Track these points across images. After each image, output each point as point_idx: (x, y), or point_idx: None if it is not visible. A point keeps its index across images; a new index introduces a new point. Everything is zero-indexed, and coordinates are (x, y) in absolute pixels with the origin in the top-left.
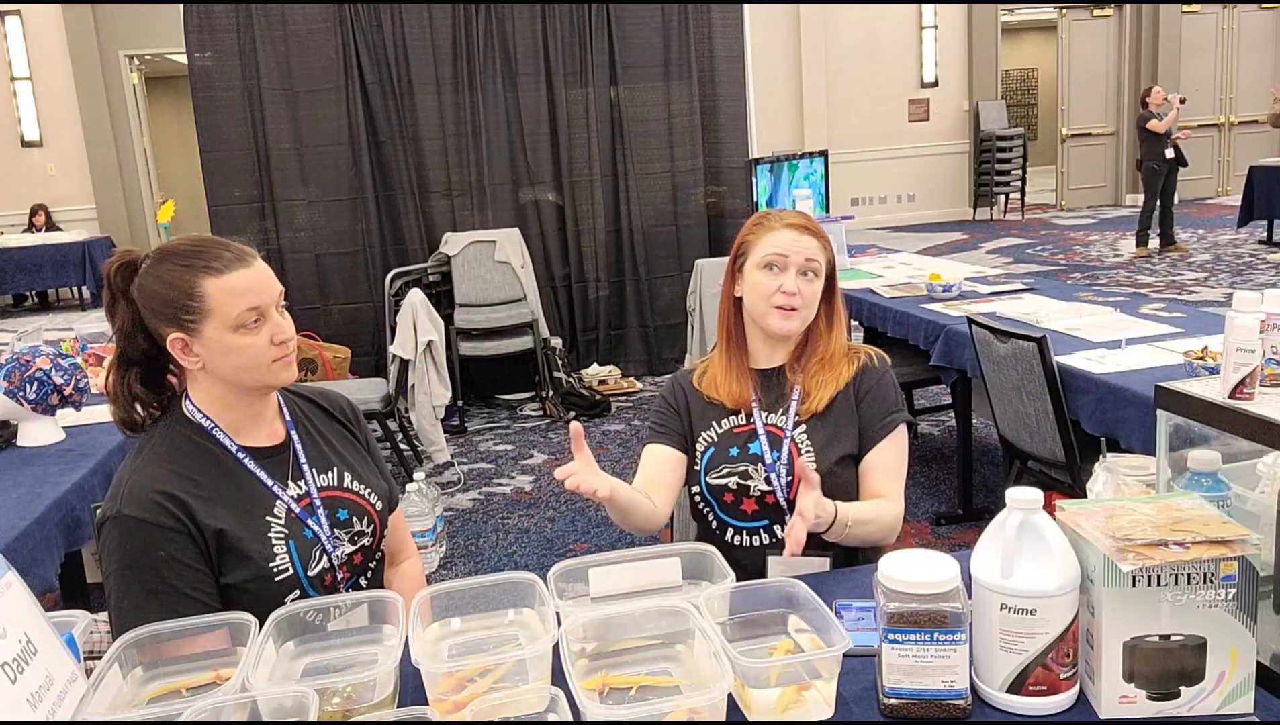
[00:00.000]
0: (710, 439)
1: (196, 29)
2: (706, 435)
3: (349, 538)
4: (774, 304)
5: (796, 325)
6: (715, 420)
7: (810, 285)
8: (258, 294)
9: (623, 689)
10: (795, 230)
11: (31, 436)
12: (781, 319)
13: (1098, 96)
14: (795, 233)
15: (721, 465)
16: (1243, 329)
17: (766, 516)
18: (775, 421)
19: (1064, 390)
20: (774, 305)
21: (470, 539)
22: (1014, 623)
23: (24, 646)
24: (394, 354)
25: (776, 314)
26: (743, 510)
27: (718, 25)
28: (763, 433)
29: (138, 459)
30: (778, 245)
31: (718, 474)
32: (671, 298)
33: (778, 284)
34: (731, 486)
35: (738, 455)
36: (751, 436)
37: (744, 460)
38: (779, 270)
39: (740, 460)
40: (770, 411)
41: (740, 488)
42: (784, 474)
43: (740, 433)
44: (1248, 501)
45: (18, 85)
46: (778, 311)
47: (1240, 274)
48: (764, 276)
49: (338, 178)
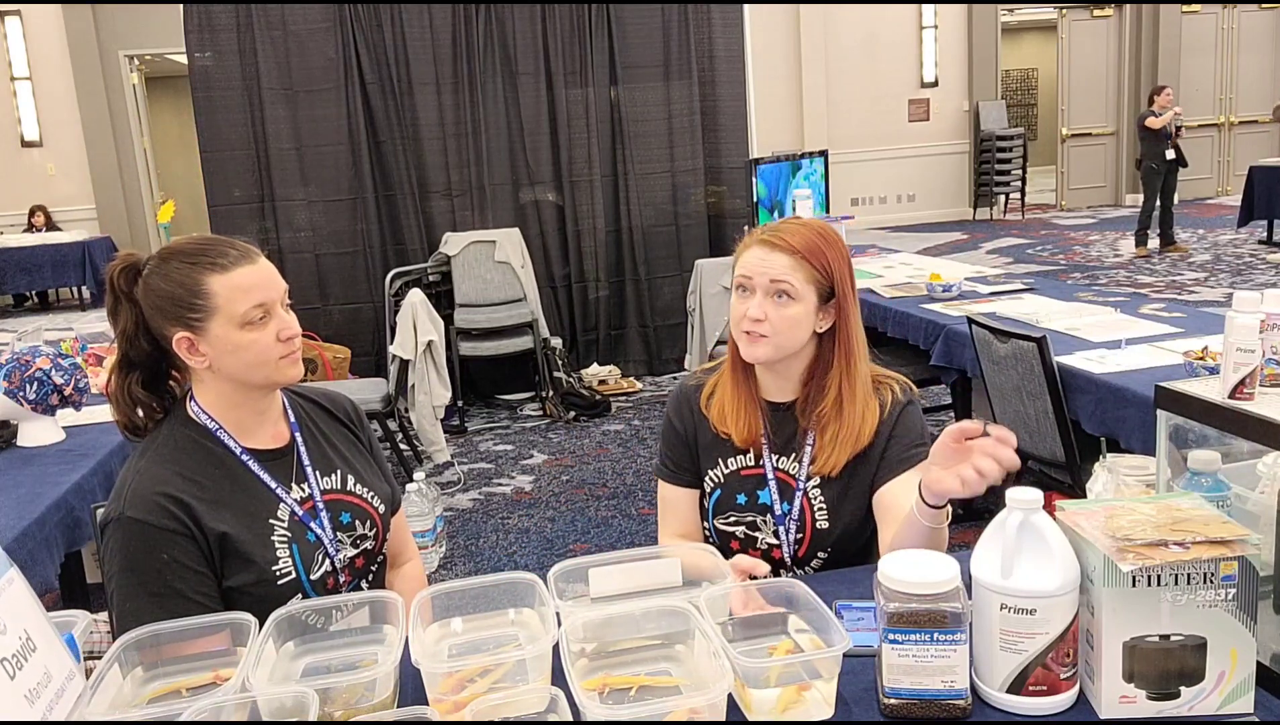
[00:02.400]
0: (717, 479)
1: (196, 29)
2: (714, 474)
3: (351, 541)
4: (742, 328)
5: (764, 352)
6: (722, 458)
7: (782, 309)
8: (264, 290)
9: (623, 689)
10: (764, 247)
11: (31, 436)
12: (748, 344)
13: (1098, 96)
14: (762, 251)
15: (729, 512)
16: (1243, 329)
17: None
18: (786, 467)
19: (1064, 390)
20: (742, 330)
21: (470, 539)
22: (1014, 623)
23: (24, 643)
24: (394, 354)
25: (744, 339)
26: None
27: (718, 25)
28: (772, 479)
29: (141, 460)
30: (744, 265)
31: (725, 520)
32: (671, 298)
33: (744, 308)
34: (739, 535)
35: (746, 503)
36: (761, 482)
37: (752, 509)
38: (747, 292)
39: (749, 509)
40: (781, 454)
41: (747, 538)
42: (793, 530)
43: (749, 476)
44: (1248, 501)
45: (18, 85)
46: (745, 337)
47: (1240, 274)
48: (736, 299)
49: (338, 178)
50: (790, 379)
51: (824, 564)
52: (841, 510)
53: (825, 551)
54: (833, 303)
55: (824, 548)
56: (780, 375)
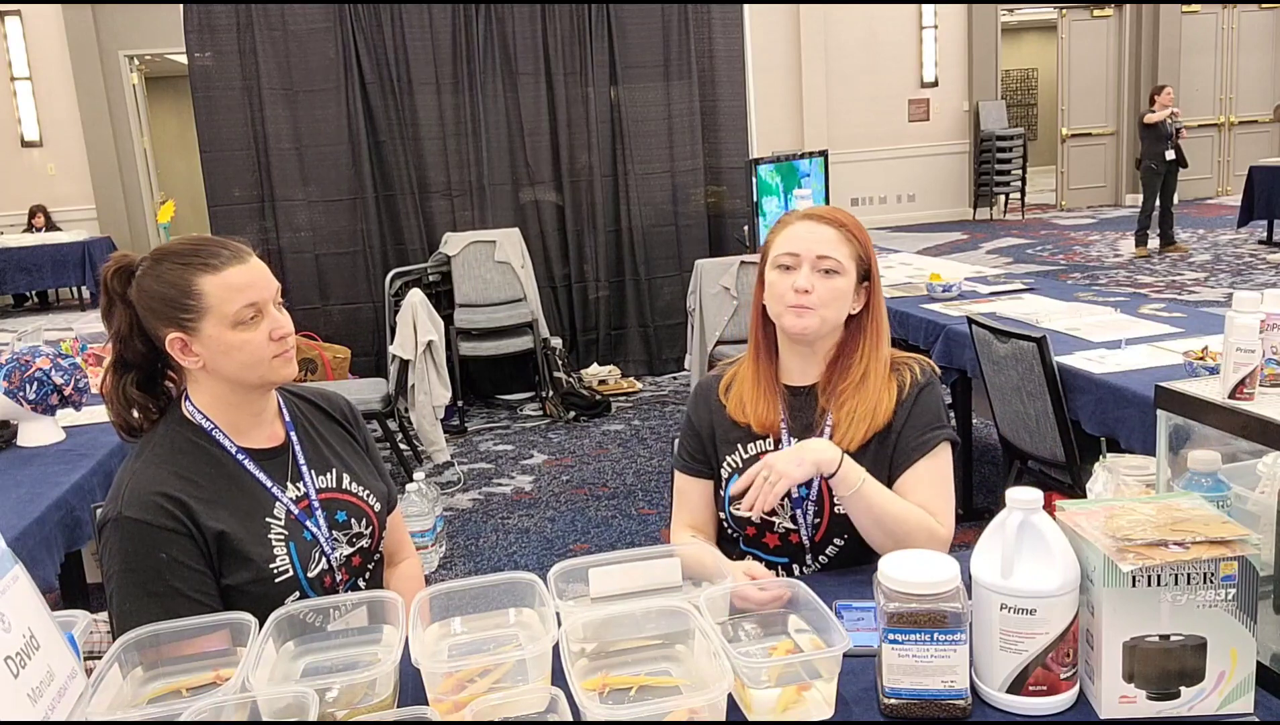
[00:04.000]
0: (735, 464)
1: (196, 29)
2: (731, 459)
3: (347, 539)
4: (787, 303)
5: (813, 324)
6: (740, 443)
7: (828, 281)
8: (256, 290)
9: (623, 689)
10: (811, 221)
11: (31, 436)
12: (795, 317)
13: (1098, 96)
14: (810, 224)
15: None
16: (1243, 329)
17: (788, 554)
18: None
19: (1064, 390)
20: (787, 304)
21: (470, 539)
22: (1014, 623)
23: (27, 641)
24: (394, 354)
25: (790, 313)
26: (764, 543)
27: (718, 25)
28: None
29: (138, 461)
30: (790, 241)
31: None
32: (671, 298)
33: (790, 282)
34: (755, 520)
35: None
36: None
37: None
38: (792, 268)
39: None
40: (800, 438)
41: (764, 522)
42: (811, 513)
43: None
44: (1248, 501)
45: (18, 85)
46: (791, 311)
47: (1240, 274)
48: (778, 276)
49: (338, 178)
50: (816, 361)
51: (840, 550)
52: None
53: (842, 537)
54: (866, 285)
55: (841, 533)
56: (807, 358)
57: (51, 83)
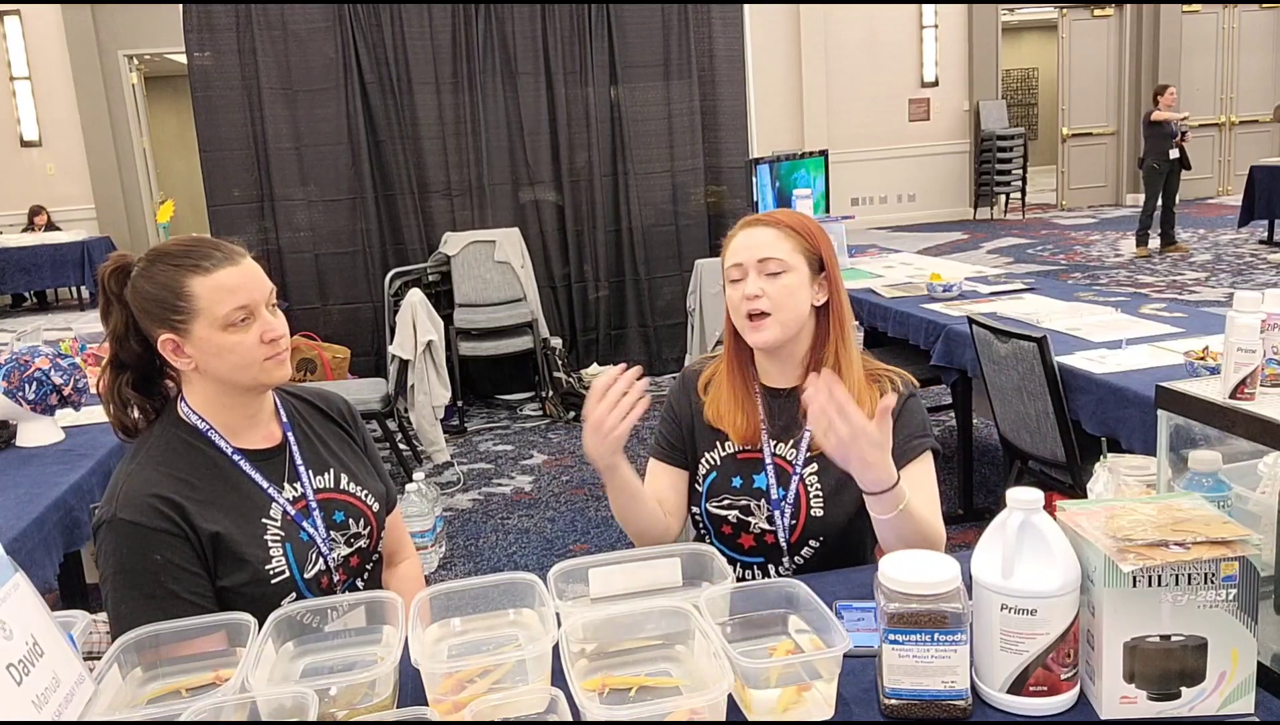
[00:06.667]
0: (713, 462)
1: (196, 29)
2: (710, 457)
3: (345, 540)
4: (743, 314)
5: (772, 334)
6: (720, 441)
7: (776, 282)
8: (246, 292)
9: (623, 690)
10: (749, 227)
11: (30, 436)
12: (754, 331)
13: (1098, 96)
14: (748, 231)
15: (723, 494)
16: (1243, 329)
17: (763, 554)
18: (785, 453)
19: (1064, 390)
20: (743, 315)
21: (470, 539)
22: (1014, 623)
23: (30, 648)
24: (393, 354)
25: (748, 327)
26: (739, 543)
27: (718, 25)
28: (770, 464)
29: (133, 462)
30: (734, 253)
31: (718, 503)
32: (671, 298)
33: (740, 292)
34: (731, 519)
35: (741, 487)
36: (758, 466)
37: (747, 493)
38: (740, 280)
39: (743, 493)
40: (780, 440)
41: (740, 522)
42: (788, 515)
43: (746, 460)
44: (1248, 502)
45: (17, 85)
46: (749, 323)
47: (1241, 274)
48: (731, 290)
49: (337, 177)
50: (793, 363)
51: (815, 553)
52: (836, 499)
53: (818, 539)
54: (824, 275)
55: (817, 535)
56: (783, 361)
57: (51, 82)
